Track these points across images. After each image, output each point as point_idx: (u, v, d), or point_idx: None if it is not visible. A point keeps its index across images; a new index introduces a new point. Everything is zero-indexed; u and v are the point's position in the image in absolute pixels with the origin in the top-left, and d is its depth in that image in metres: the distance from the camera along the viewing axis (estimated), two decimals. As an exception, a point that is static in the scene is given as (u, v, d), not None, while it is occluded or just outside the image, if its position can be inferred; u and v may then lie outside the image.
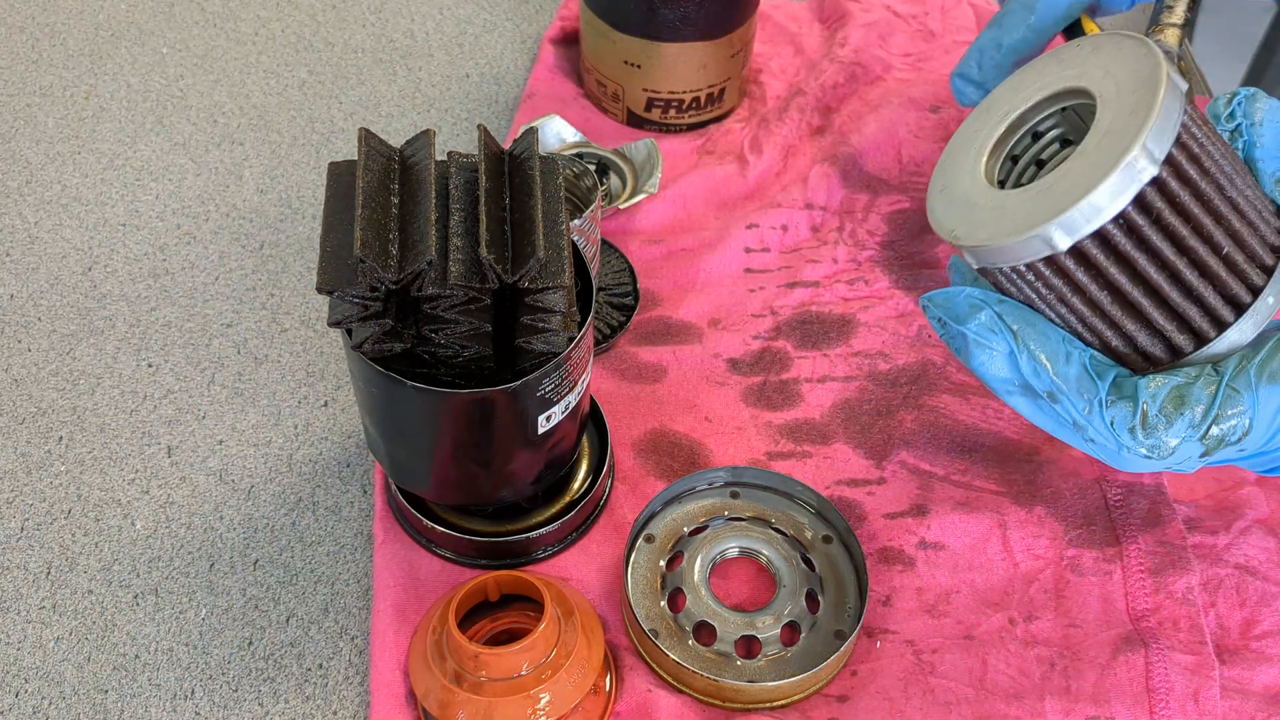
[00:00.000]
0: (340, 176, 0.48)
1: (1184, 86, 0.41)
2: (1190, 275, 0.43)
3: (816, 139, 0.77)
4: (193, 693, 0.54)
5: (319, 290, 0.45)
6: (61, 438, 0.63)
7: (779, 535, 0.57)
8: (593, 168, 0.68)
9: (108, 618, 0.56)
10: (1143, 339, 0.44)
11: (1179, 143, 0.41)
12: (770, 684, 0.51)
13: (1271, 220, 0.45)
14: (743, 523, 0.58)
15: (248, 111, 0.80)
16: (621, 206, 0.70)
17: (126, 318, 0.68)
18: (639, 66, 0.75)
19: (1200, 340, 0.45)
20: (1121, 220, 0.41)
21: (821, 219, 0.73)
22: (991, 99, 0.48)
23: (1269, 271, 0.44)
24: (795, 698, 0.53)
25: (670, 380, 0.65)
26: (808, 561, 0.56)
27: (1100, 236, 0.41)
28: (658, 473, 0.61)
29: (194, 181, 0.76)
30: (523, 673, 0.48)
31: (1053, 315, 0.45)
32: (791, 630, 0.54)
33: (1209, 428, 0.42)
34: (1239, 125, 0.45)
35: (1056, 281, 0.43)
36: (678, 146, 0.78)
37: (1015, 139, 0.47)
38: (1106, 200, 0.40)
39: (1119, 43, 0.43)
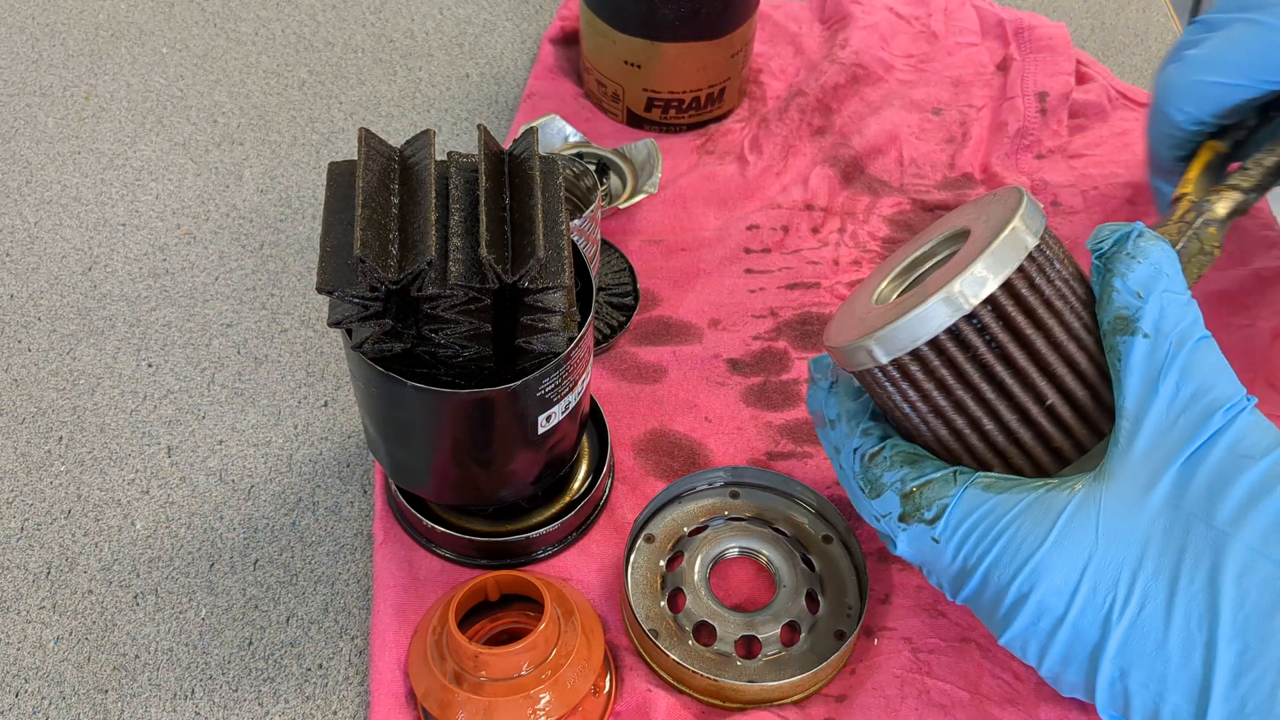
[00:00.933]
0: (340, 176, 0.48)
1: (1029, 242, 0.43)
2: (1009, 417, 0.44)
3: (817, 140, 0.77)
4: (193, 693, 0.54)
5: (319, 290, 0.45)
6: (61, 438, 0.63)
7: (779, 535, 0.57)
8: (593, 168, 0.68)
9: (108, 618, 0.56)
10: (968, 463, 0.46)
11: (1009, 289, 0.43)
12: (770, 684, 0.51)
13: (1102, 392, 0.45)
14: (743, 523, 0.58)
15: (248, 111, 0.80)
16: (621, 206, 0.70)
17: (126, 318, 0.68)
18: (639, 66, 0.75)
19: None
20: (935, 347, 0.43)
21: (822, 220, 0.73)
22: (912, 240, 0.52)
23: (1099, 435, 0.45)
24: (795, 697, 0.53)
25: (670, 380, 0.65)
26: (808, 561, 0.56)
27: (917, 357, 0.44)
28: (658, 473, 0.61)
29: (194, 181, 0.76)
30: (523, 673, 0.48)
31: (901, 418, 0.46)
32: (791, 630, 0.54)
33: (913, 488, 0.45)
34: (1117, 259, 0.44)
35: (890, 389, 0.45)
36: (678, 146, 0.78)
37: (918, 273, 0.50)
38: (917, 327, 0.43)
39: (1006, 191, 0.46)
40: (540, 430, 0.51)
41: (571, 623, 0.50)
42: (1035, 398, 0.44)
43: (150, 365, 0.66)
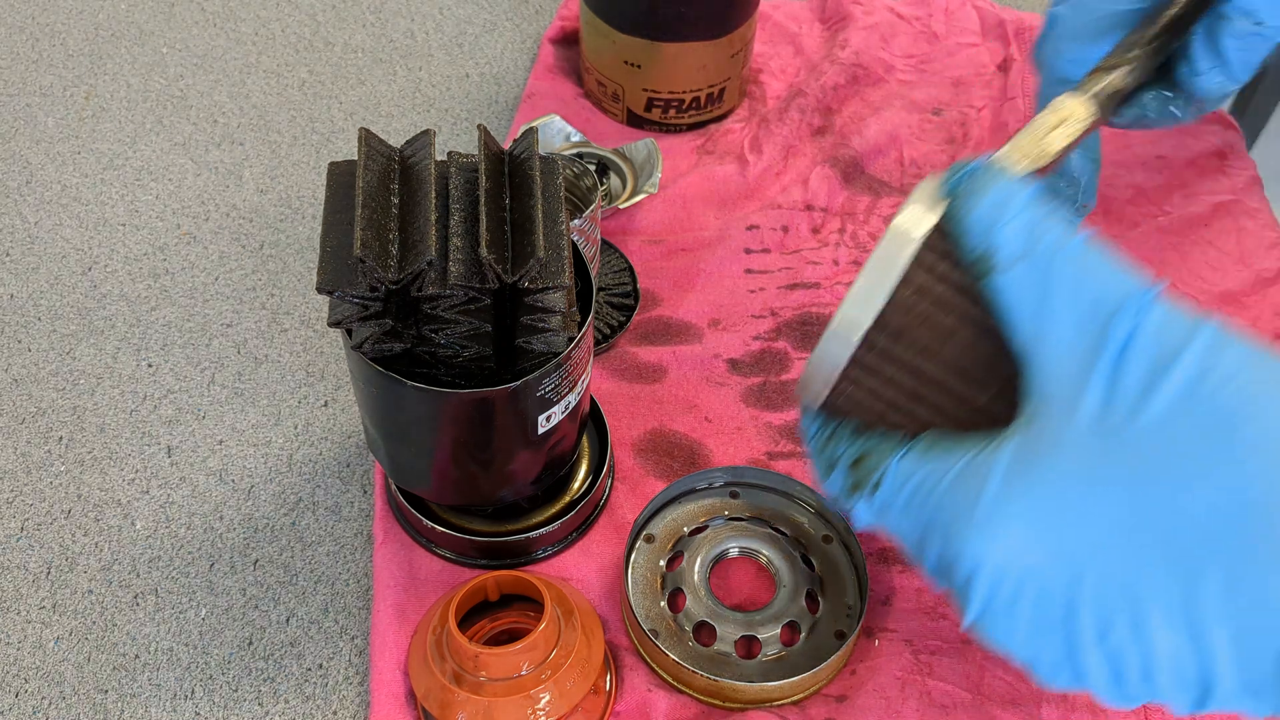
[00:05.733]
0: (340, 176, 0.48)
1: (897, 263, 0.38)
2: (950, 414, 0.40)
3: (817, 140, 0.77)
4: (193, 693, 0.54)
5: (319, 290, 0.45)
6: (61, 438, 0.63)
7: (779, 535, 0.57)
8: (593, 168, 0.68)
9: (108, 618, 0.56)
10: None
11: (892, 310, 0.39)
12: (770, 684, 0.51)
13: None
14: (743, 523, 0.58)
15: (248, 111, 0.80)
16: (621, 206, 0.70)
17: (126, 318, 0.68)
18: (639, 66, 0.75)
19: None
20: (848, 378, 0.40)
21: (822, 220, 0.73)
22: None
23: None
24: (795, 697, 0.53)
25: (670, 380, 0.65)
26: (808, 561, 0.56)
27: (839, 391, 0.41)
28: (658, 473, 0.61)
29: (194, 181, 0.76)
30: (523, 673, 0.48)
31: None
32: (791, 630, 0.54)
33: (859, 457, 0.41)
34: (959, 202, 0.39)
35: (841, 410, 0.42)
36: (678, 146, 0.78)
37: None
38: (824, 369, 0.40)
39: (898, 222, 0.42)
40: (540, 430, 0.51)
41: (571, 623, 0.50)
42: (965, 402, 0.40)
43: (150, 365, 0.66)
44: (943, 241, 0.39)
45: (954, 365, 0.39)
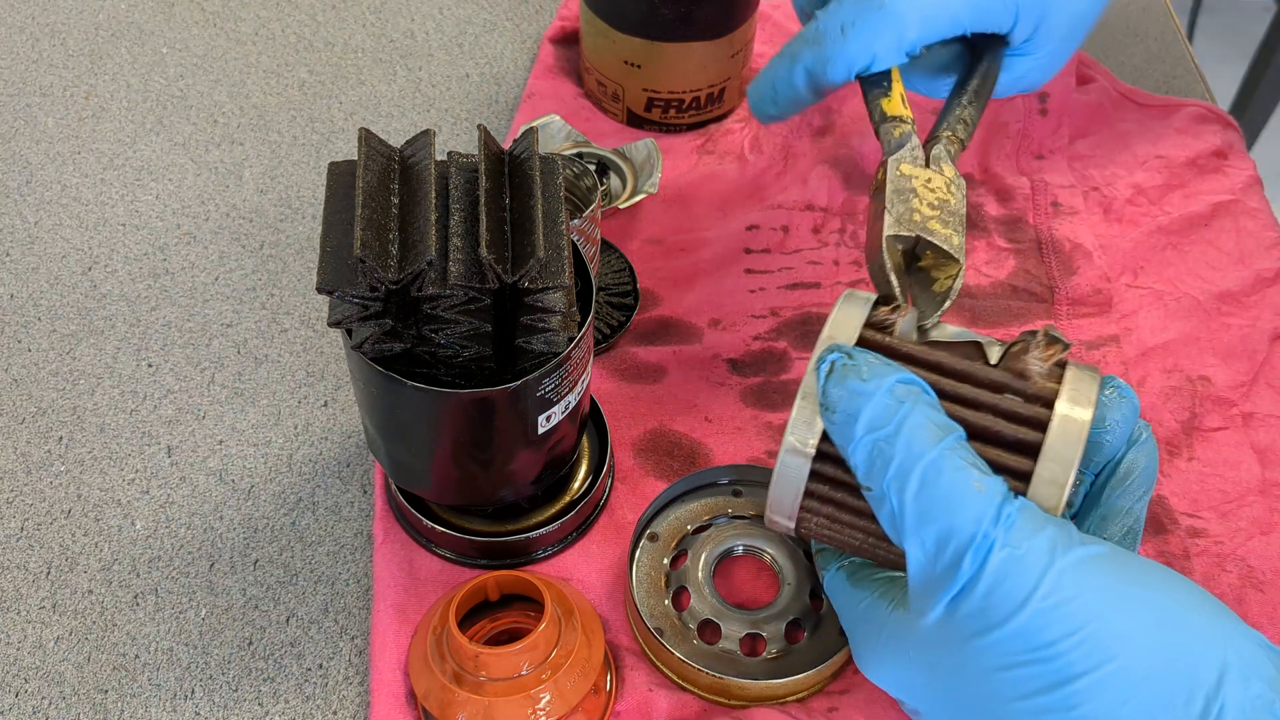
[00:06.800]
0: (340, 176, 0.48)
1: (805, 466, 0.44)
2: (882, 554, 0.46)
3: (817, 140, 0.77)
4: (193, 693, 0.54)
5: (319, 290, 0.45)
6: (61, 438, 0.63)
7: (779, 535, 0.57)
8: (593, 168, 0.68)
9: (108, 618, 0.56)
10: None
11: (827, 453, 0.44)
12: (775, 681, 0.52)
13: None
14: (746, 521, 0.58)
15: (248, 111, 0.80)
16: (621, 206, 0.69)
17: (126, 318, 0.68)
18: (639, 66, 0.75)
19: None
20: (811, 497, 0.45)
21: (823, 220, 0.73)
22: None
23: None
24: (799, 695, 0.53)
25: (670, 380, 0.65)
26: (810, 559, 0.56)
27: (805, 509, 0.46)
28: (658, 473, 0.61)
29: (194, 181, 0.76)
30: (523, 673, 0.48)
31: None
32: (795, 628, 0.54)
33: (817, 551, 0.50)
34: (820, 414, 0.43)
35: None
36: (678, 146, 0.78)
37: None
38: (785, 490, 0.45)
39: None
40: (540, 430, 0.51)
41: (571, 623, 0.50)
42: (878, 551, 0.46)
43: (150, 365, 0.66)
44: (830, 446, 0.43)
45: (868, 530, 0.45)
